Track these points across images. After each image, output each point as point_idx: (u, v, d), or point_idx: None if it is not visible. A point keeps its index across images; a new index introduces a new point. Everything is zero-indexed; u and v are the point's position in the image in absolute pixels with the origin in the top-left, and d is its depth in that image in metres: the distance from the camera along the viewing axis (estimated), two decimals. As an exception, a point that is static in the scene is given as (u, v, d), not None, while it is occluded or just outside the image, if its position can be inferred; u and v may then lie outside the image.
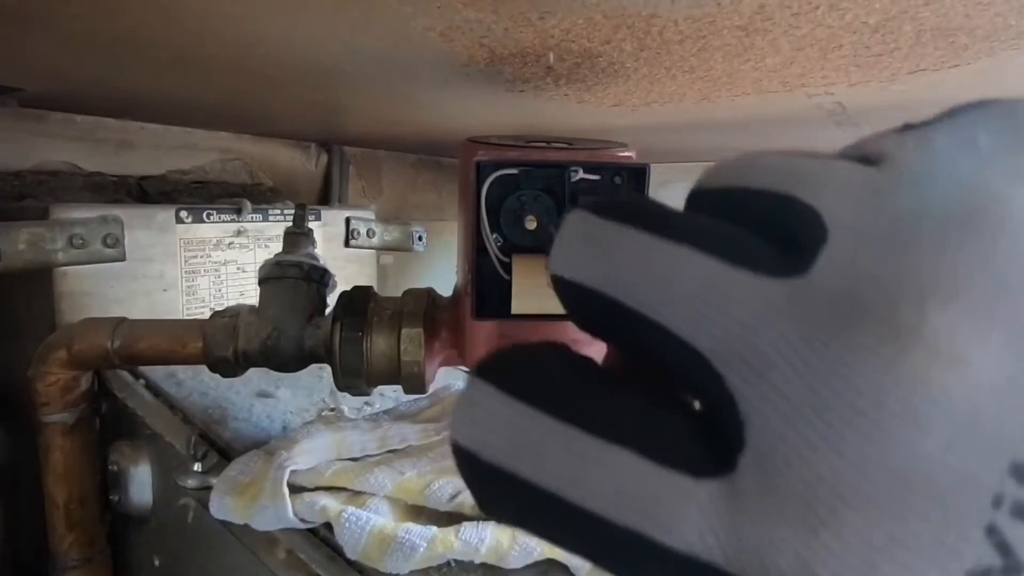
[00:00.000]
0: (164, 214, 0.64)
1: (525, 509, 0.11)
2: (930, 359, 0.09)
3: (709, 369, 0.10)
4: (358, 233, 0.82)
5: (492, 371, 0.12)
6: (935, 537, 0.09)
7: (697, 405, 0.11)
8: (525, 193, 0.36)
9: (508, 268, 0.35)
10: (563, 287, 0.12)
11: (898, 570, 0.09)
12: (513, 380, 0.12)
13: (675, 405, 0.11)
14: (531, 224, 0.35)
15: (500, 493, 0.11)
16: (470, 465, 0.12)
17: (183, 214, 0.65)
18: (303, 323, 0.40)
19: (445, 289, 0.42)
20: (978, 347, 0.09)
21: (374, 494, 0.36)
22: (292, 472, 0.36)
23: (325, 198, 0.97)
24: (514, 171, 0.36)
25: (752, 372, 0.10)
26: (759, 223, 0.11)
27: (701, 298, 0.10)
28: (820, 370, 0.09)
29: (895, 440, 0.09)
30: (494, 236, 0.36)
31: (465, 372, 0.61)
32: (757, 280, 0.10)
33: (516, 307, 0.34)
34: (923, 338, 0.09)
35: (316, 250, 0.45)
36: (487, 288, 0.36)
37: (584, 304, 0.12)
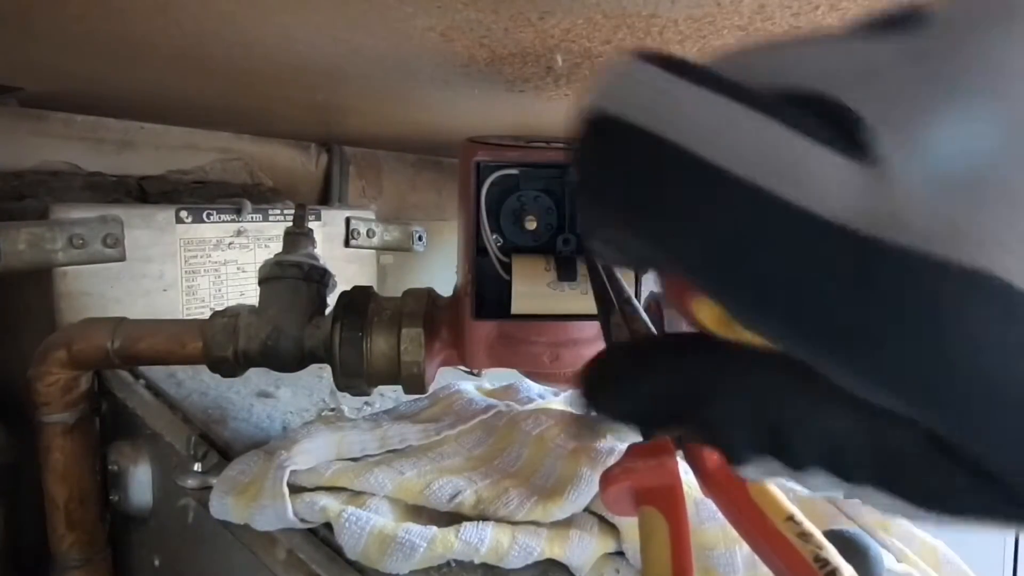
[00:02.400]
0: (164, 214, 0.64)
1: (659, 175, 0.11)
2: None
3: (826, 100, 0.10)
4: (358, 233, 0.82)
5: (641, 57, 0.12)
6: None
7: None
8: (525, 193, 0.36)
9: (508, 268, 0.35)
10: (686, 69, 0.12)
11: None
12: (664, 60, 0.12)
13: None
14: (531, 224, 0.35)
15: (639, 155, 0.11)
16: (612, 129, 0.12)
17: (183, 214, 0.65)
18: (303, 323, 0.40)
19: (445, 289, 0.42)
20: None
21: (374, 494, 0.36)
22: (292, 472, 0.36)
23: (325, 198, 0.97)
24: (514, 171, 0.36)
25: (871, 85, 0.10)
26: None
27: (823, 56, 0.11)
28: (934, 64, 0.10)
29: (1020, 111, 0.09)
30: (494, 236, 0.36)
31: (465, 372, 0.61)
32: (871, 40, 0.11)
33: (516, 307, 0.34)
34: None
35: (316, 250, 0.45)
36: (487, 288, 0.36)
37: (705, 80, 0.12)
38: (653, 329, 0.26)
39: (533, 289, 0.34)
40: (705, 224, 0.11)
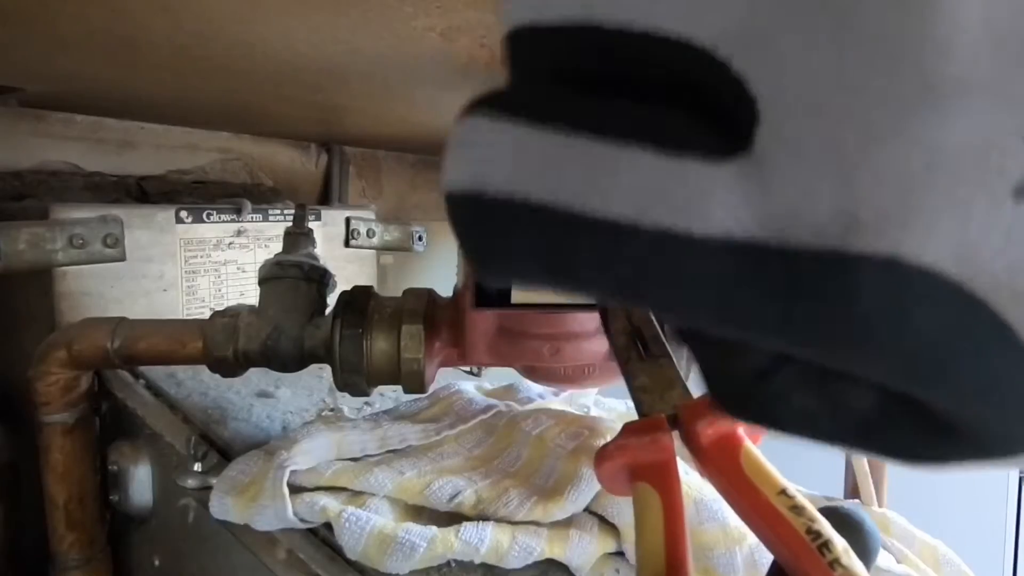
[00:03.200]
0: (164, 214, 0.64)
1: (541, 240, 0.10)
2: None
3: (711, 60, 0.10)
4: (358, 233, 0.82)
5: (481, 104, 0.11)
6: (975, 156, 0.08)
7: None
8: None
9: None
10: (530, 35, 0.11)
11: (941, 196, 0.08)
12: (506, 105, 0.11)
13: (666, 106, 0.10)
14: None
15: (510, 229, 0.10)
16: (474, 207, 0.11)
17: (183, 214, 0.65)
18: (303, 323, 0.40)
19: (445, 290, 0.42)
20: None
21: (374, 494, 0.36)
22: (292, 472, 0.36)
23: (325, 198, 0.97)
24: None
25: (758, 48, 0.09)
26: None
27: None
28: (826, 27, 0.09)
29: (918, 59, 0.08)
30: None
31: (465, 372, 0.61)
32: None
33: (516, 296, 0.35)
34: None
35: (316, 250, 0.45)
36: None
37: (558, 45, 0.11)
38: (652, 315, 0.26)
39: None
40: (608, 277, 0.10)
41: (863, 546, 0.21)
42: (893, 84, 0.08)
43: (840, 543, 0.19)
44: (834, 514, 0.21)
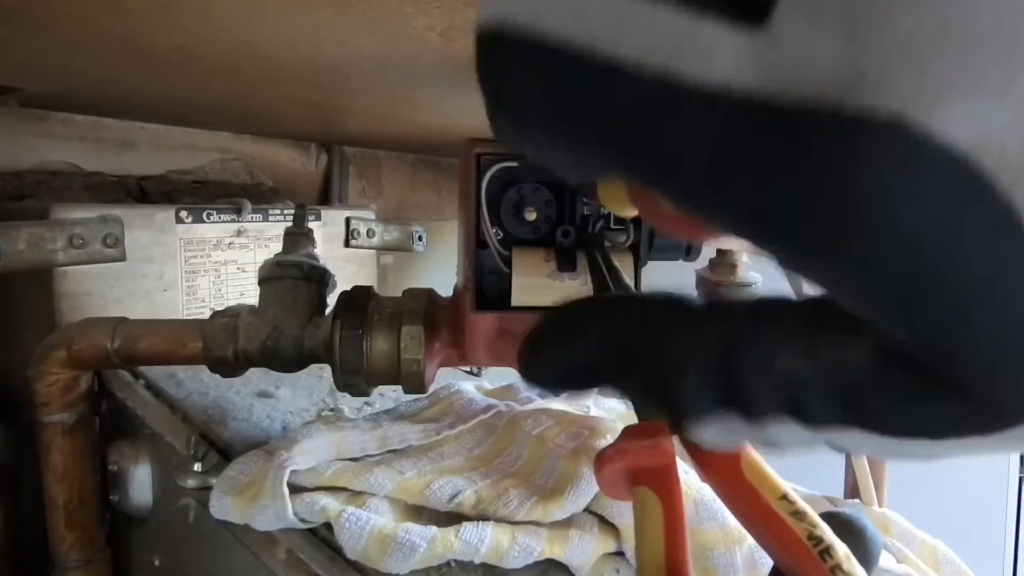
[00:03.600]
0: (164, 214, 0.64)
1: (546, 75, 0.10)
2: None
3: None
4: (358, 233, 0.82)
5: None
6: (990, 28, 0.08)
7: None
8: (524, 186, 0.36)
9: (508, 261, 0.35)
10: None
11: (949, 64, 0.08)
12: None
13: None
14: (531, 215, 0.35)
15: (522, 61, 0.11)
16: (495, 41, 0.11)
17: (183, 214, 0.65)
18: (303, 323, 0.40)
19: (445, 290, 0.42)
20: None
21: (374, 494, 0.36)
22: (292, 472, 0.36)
23: (325, 198, 0.97)
24: (514, 164, 0.36)
25: None
26: None
27: None
28: None
29: None
30: (494, 230, 0.36)
31: (465, 372, 0.61)
32: None
33: (516, 299, 0.35)
34: None
35: (316, 250, 0.45)
36: (487, 281, 0.36)
37: None
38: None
39: (533, 280, 0.34)
40: (601, 120, 0.10)
41: (865, 552, 0.21)
42: None
43: (842, 549, 0.19)
44: (836, 520, 0.21)
